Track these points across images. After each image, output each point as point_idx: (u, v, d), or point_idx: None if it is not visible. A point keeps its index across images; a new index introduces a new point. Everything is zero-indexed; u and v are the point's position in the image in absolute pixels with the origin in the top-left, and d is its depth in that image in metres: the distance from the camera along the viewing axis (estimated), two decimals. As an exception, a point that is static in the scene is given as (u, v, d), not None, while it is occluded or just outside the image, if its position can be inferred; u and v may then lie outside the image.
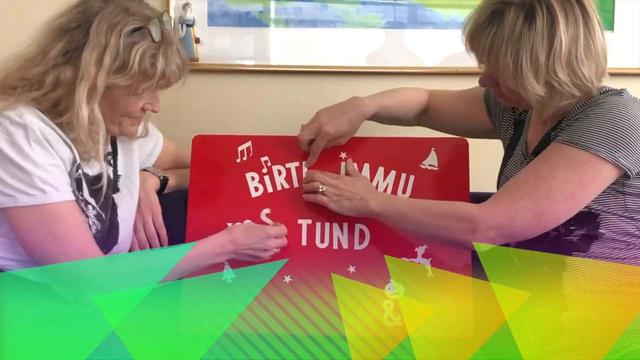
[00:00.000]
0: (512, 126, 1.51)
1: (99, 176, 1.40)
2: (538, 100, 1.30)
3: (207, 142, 1.58)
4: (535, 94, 1.28)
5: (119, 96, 1.35)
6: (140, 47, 1.31)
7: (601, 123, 1.24)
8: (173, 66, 1.36)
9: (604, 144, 1.23)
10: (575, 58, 1.27)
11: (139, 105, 1.38)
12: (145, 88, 1.35)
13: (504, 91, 1.35)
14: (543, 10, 1.26)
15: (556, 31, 1.25)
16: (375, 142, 1.57)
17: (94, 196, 1.39)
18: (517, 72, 1.27)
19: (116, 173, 1.48)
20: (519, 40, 1.26)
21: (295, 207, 1.52)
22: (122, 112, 1.38)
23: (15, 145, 1.27)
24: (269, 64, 1.90)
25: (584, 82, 1.28)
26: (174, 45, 1.37)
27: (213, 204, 1.53)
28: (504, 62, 1.27)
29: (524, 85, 1.28)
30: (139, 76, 1.32)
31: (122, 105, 1.37)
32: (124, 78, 1.32)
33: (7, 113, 1.29)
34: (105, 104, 1.35)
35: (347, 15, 1.88)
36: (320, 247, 1.50)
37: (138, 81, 1.33)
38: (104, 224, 1.40)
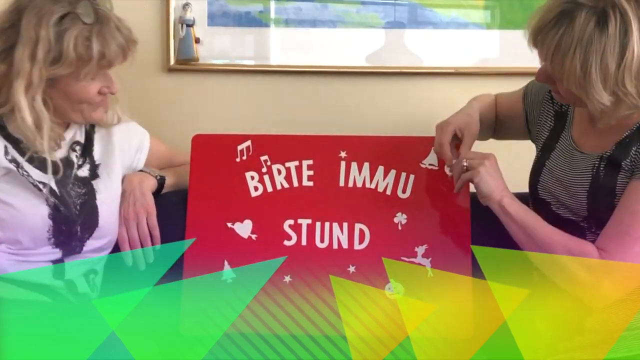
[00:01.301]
0: (552, 118, 1.45)
1: (62, 160, 1.43)
2: (600, 109, 1.25)
3: (207, 141, 1.58)
4: (600, 102, 1.23)
5: (68, 85, 1.37)
6: (72, 33, 1.32)
7: None
8: (113, 45, 1.36)
9: None
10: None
11: (93, 90, 1.40)
12: (88, 72, 1.36)
13: (562, 92, 1.31)
14: (617, 16, 1.19)
15: (629, 40, 1.19)
16: (375, 141, 1.57)
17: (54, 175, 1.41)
18: (584, 78, 1.22)
19: (93, 161, 1.50)
20: (589, 45, 1.20)
21: (295, 207, 1.52)
22: (78, 100, 1.40)
23: None
24: (269, 64, 1.90)
25: None
26: (111, 24, 1.37)
27: (213, 203, 1.53)
28: (571, 65, 1.22)
29: (589, 92, 1.23)
30: (77, 62, 1.34)
31: (75, 93, 1.38)
32: (63, 67, 1.33)
33: None
34: (58, 95, 1.37)
35: (347, 15, 1.88)
36: (320, 247, 1.50)
37: (78, 67, 1.34)
38: (66, 203, 1.41)
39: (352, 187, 1.53)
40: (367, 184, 1.53)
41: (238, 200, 1.53)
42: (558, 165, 1.40)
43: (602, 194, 1.30)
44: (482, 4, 1.87)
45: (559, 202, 1.38)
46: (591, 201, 1.32)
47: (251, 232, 1.51)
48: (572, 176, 1.36)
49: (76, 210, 1.43)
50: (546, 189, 1.41)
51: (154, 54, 1.86)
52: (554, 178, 1.40)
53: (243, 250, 1.49)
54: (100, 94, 1.42)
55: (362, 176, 1.53)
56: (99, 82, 1.40)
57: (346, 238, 1.50)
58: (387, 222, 1.49)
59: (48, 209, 1.39)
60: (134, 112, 1.83)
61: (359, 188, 1.53)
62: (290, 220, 1.51)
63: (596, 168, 1.32)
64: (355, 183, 1.53)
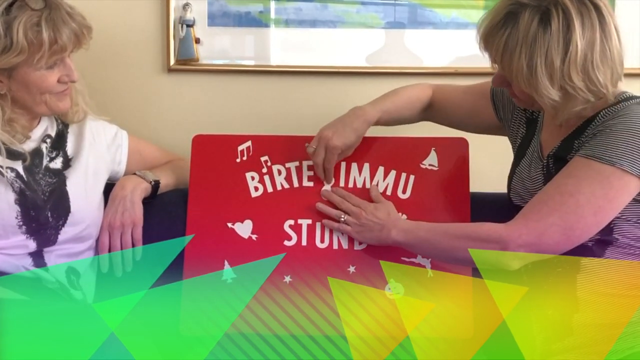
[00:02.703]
0: (524, 125, 1.50)
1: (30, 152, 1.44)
2: (552, 105, 1.29)
3: (207, 142, 1.58)
4: (549, 98, 1.27)
5: (26, 75, 1.38)
6: (20, 20, 1.33)
7: (625, 136, 1.24)
8: (65, 30, 1.37)
9: (629, 157, 1.22)
10: (590, 63, 1.25)
11: (53, 78, 1.41)
12: (41, 58, 1.36)
13: (517, 93, 1.34)
14: (559, 13, 1.24)
15: (572, 36, 1.24)
16: (376, 142, 1.57)
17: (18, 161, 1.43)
18: (531, 76, 1.26)
19: (66, 155, 1.51)
20: (534, 43, 1.25)
21: (295, 207, 1.52)
22: (39, 90, 1.41)
23: None
24: (269, 64, 1.90)
25: (598, 87, 1.27)
26: (62, 10, 1.38)
27: (213, 203, 1.53)
28: (518, 64, 1.26)
29: (538, 89, 1.27)
30: (29, 49, 1.35)
31: (35, 82, 1.40)
32: (16, 55, 1.35)
33: None
34: (18, 87, 1.39)
35: (347, 15, 1.88)
36: (320, 247, 1.50)
37: (31, 54, 1.35)
38: (32, 188, 1.42)
39: (353, 188, 1.53)
40: (368, 184, 1.53)
41: (238, 201, 1.53)
42: (525, 171, 1.43)
43: None
44: (482, 4, 1.87)
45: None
46: None
47: (251, 233, 1.51)
48: (533, 179, 1.39)
49: (44, 196, 1.44)
50: (518, 194, 1.44)
51: (154, 54, 1.86)
52: (522, 183, 1.43)
53: (243, 251, 1.49)
54: (61, 83, 1.43)
55: (363, 177, 1.54)
56: (58, 71, 1.41)
57: (346, 238, 1.50)
58: (387, 222, 1.49)
59: (14, 195, 1.40)
60: (134, 112, 1.84)
61: (360, 188, 1.53)
62: (291, 220, 1.52)
63: (546, 167, 1.35)
64: (355, 183, 1.53)
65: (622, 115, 1.27)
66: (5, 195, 1.40)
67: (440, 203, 1.51)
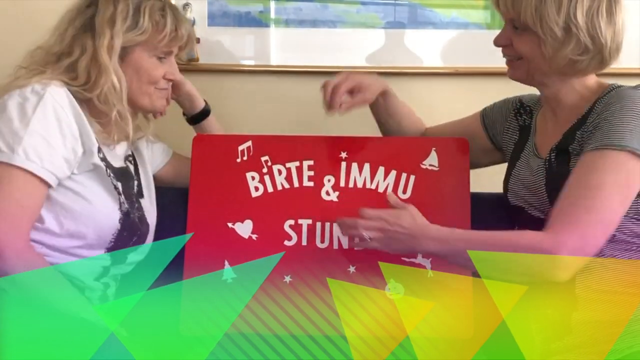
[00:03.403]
0: (517, 131, 1.52)
1: (121, 170, 1.46)
2: (552, 45, 1.31)
3: (207, 142, 1.58)
4: (552, 34, 1.30)
5: (140, 59, 1.42)
6: (147, 4, 1.41)
7: (630, 118, 1.25)
8: (185, 24, 1.46)
9: (636, 138, 1.24)
10: (596, 10, 1.30)
11: (161, 71, 1.45)
12: (160, 41, 1.42)
13: (518, 45, 1.36)
14: None
15: None
16: (376, 142, 1.57)
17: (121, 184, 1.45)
18: (540, 3, 1.30)
19: (139, 179, 1.53)
20: None
21: (296, 207, 1.52)
22: (148, 79, 1.43)
23: (22, 110, 1.31)
24: (269, 64, 1.90)
25: (599, 36, 1.30)
26: (178, 9, 1.50)
27: (213, 203, 1.53)
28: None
29: (542, 22, 1.30)
30: (152, 30, 1.40)
31: (146, 69, 1.43)
32: (139, 34, 1.40)
33: (34, 83, 1.34)
34: (130, 70, 1.41)
35: (347, 15, 1.88)
36: (320, 247, 1.50)
37: (152, 35, 1.41)
38: (132, 212, 1.44)
39: (353, 188, 1.53)
40: (368, 184, 1.53)
41: (239, 201, 1.53)
42: (522, 171, 1.44)
43: (558, 181, 1.32)
44: (482, 4, 1.87)
45: (528, 203, 1.41)
46: (550, 190, 1.34)
47: (252, 232, 1.51)
48: (532, 177, 1.40)
49: (137, 221, 1.45)
50: (516, 195, 1.45)
51: (154, 53, 1.86)
52: (520, 184, 1.44)
53: (243, 251, 1.49)
54: (165, 79, 1.46)
55: (363, 177, 1.54)
56: (166, 66, 1.46)
57: (346, 238, 1.50)
58: (388, 222, 1.49)
59: (120, 214, 1.41)
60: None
61: (360, 189, 1.53)
62: (291, 220, 1.52)
63: (549, 160, 1.36)
64: (355, 184, 1.53)
65: (617, 101, 1.28)
66: (113, 212, 1.40)
67: (441, 203, 1.51)
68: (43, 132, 1.30)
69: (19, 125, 1.29)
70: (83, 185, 1.37)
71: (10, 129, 1.29)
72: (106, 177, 1.40)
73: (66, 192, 1.36)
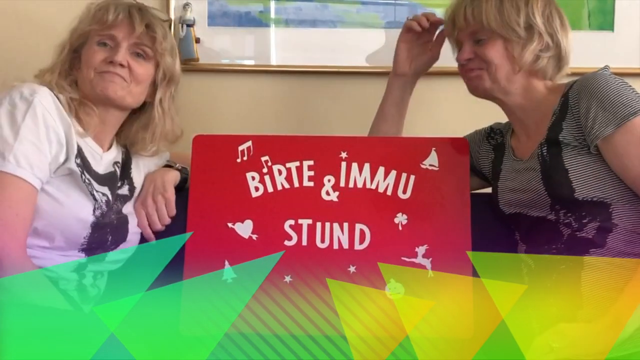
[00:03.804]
0: (492, 152, 1.56)
1: (107, 175, 1.46)
2: (518, 43, 1.39)
3: (207, 142, 1.58)
4: (516, 34, 1.39)
5: (87, 49, 1.46)
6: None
7: (616, 89, 1.31)
8: (135, 14, 1.46)
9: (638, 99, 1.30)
10: (550, 13, 1.42)
11: (100, 55, 1.44)
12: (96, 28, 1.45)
13: (485, 53, 1.41)
14: None
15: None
16: (376, 142, 1.57)
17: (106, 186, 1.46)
18: (500, 7, 1.39)
19: (132, 182, 1.55)
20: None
21: (296, 207, 1.52)
22: (86, 64, 1.45)
23: (12, 117, 1.32)
24: (269, 64, 1.90)
25: (556, 34, 1.41)
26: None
27: (213, 204, 1.53)
28: (487, 5, 1.40)
29: (506, 22, 1.39)
30: (92, 19, 1.45)
31: (86, 55, 1.45)
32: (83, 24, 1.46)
33: (23, 87, 1.35)
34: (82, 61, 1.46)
35: (347, 15, 1.88)
36: (320, 247, 1.50)
37: (91, 23, 1.45)
38: (110, 215, 1.45)
39: (353, 188, 1.53)
40: (368, 184, 1.53)
41: (239, 201, 1.53)
42: (509, 180, 1.46)
43: (554, 173, 1.35)
44: (482, 4, 1.87)
45: (524, 206, 1.42)
46: (547, 185, 1.36)
47: (252, 233, 1.51)
48: (524, 177, 1.41)
49: (114, 222, 1.46)
50: (508, 204, 1.46)
51: (154, 53, 1.86)
52: (509, 192, 1.46)
53: (244, 251, 1.49)
54: (106, 62, 1.45)
55: (363, 177, 1.53)
56: (111, 52, 1.46)
57: (347, 238, 1.50)
58: (388, 222, 1.50)
59: (93, 218, 1.41)
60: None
61: (360, 189, 1.53)
62: (291, 220, 1.52)
63: (541, 155, 1.38)
64: (355, 184, 1.53)
65: (590, 80, 1.35)
66: (86, 216, 1.40)
67: (441, 203, 1.51)
68: (33, 138, 1.32)
69: (9, 132, 1.30)
70: (56, 188, 1.37)
71: (1, 136, 1.30)
72: (81, 182, 1.40)
73: (40, 192, 1.35)
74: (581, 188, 1.32)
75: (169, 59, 1.50)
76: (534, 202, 1.39)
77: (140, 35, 1.45)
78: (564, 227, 1.34)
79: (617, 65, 1.46)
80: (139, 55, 1.47)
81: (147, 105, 1.53)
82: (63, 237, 1.38)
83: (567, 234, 1.33)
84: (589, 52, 1.83)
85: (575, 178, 1.33)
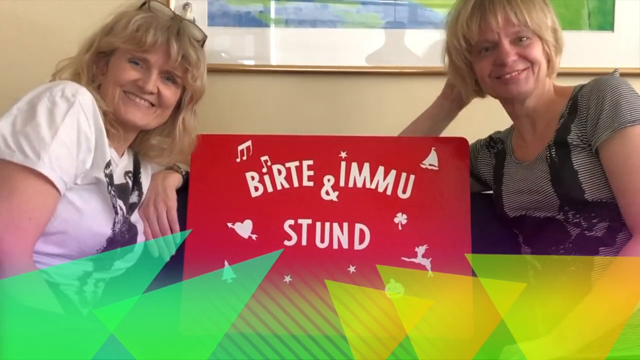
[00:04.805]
0: (493, 157, 1.57)
1: (121, 186, 1.44)
2: (553, 45, 1.41)
3: (207, 141, 1.58)
4: (548, 35, 1.40)
5: (115, 62, 1.42)
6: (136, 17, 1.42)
7: (623, 97, 1.31)
8: (173, 38, 1.42)
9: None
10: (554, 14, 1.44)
11: (132, 74, 1.40)
12: (132, 47, 1.40)
13: (529, 53, 1.40)
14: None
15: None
16: (376, 142, 1.57)
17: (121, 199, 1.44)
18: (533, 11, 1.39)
19: (141, 189, 1.52)
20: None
21: (295, 207, 1.52)
22: (114, 79, 1.41)
23: (51, 116, 1.28)
24: (269, 64, 1.90)
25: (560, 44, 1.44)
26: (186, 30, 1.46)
27: (213, 203, 1.53)
28: (526, 7, 1.39)
29: (542, 24, 1.39)
30: (128, 36, 1.40)
31: (114, 71, 1.41)
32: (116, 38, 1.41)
33: (66, 85, 1.32)
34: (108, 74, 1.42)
35: (347, 15, 1.88)
36: (320, 247, 1.50)
37: (127, 40, 1.40)
38: (123, 228, 1.42)
39: (353, 188, 1.53)
40: (368, 184, 1.53)
41: (238, 201, 1.53)
42: (513, 182, 1.46)
43: (564, 175, 1.34)
44: (482, 4, 1.87)
45: (530, 208, 1.42)
46: (557, 187, 1.35)
47: (251, 232, 1.51)
48: (530, 179, 1.41)
49: (125, 233, 1.43)
50: (513, 207, 1.46)
51: (154, 53, 1.86)
52: (514, 194, 1.45)
53: (243, 251, 1.49)
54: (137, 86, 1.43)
55: (363, 176, 1.54)
56: (142, 75, 1.44)
57: (346, 238, 1.50)
58: (388, 222, 1.50)
59: (111, 233, 1.38)
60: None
61: (359, 188, 1.53)
62: (291, 220, 1.52)
63: (550, 157, 1.38)
64: (355, 183, 1.53)
65: (595, 86, 1.35)
66: (104, 230, 1.37)
67: (441, 203, 1.51)
68: (68, 141, 1.28)
69: (47, 131, 1.26)
70: (79, 196, 1.34)
71: (38, 134, 1.26)
72: (106, 194, 1.37)
73: (61, 199, 1.32)
74: (592, 189, 1.32)
75: (199, 83, 1.48)
76: (541, 204, 1.39)
77: (174, 64, 1.42)
78: (572, 227, 1.34)
79: (617, 65, 1.46)
80: (169, 79, 1.44)
81: (168, 120, 1.50)
82: (77, 248, 1.35)
83: (576, 233, 1.33)
84: (589, 52, 1.83)
85: (585, 179, 1.33)
